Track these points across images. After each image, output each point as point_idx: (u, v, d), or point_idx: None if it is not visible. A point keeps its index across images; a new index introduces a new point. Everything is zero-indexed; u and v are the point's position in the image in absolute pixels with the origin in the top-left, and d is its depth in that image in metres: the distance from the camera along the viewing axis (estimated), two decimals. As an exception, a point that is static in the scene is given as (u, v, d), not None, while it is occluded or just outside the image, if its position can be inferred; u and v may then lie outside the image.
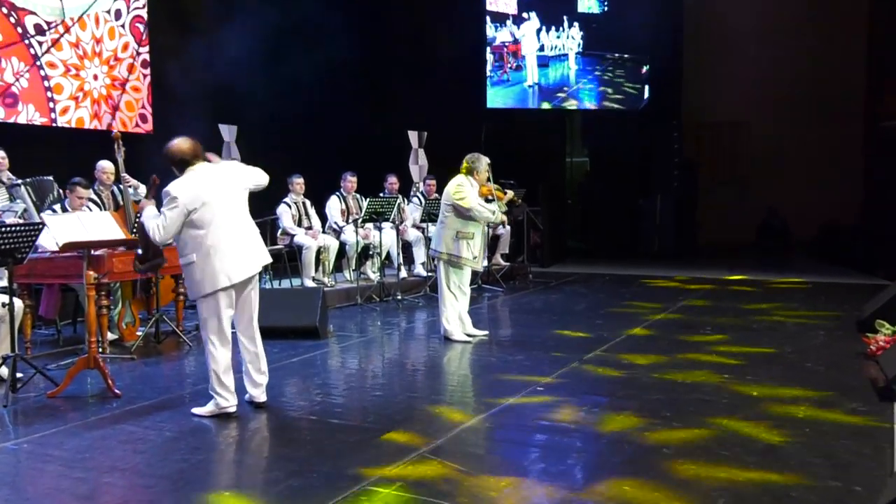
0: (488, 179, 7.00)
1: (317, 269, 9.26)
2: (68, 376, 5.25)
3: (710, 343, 6.58)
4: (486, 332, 7.12)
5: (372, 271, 9.84)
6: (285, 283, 9.20)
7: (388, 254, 9.83)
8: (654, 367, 5.75)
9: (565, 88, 15.19)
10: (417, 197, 10.71)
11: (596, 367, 5.76)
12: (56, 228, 5.04)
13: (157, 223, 4.55)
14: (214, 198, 4.62)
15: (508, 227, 11.03)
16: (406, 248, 10.21)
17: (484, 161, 6.94)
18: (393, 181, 10.22)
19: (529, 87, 14.95)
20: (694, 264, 13.31)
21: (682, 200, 15.38)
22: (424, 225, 10.10)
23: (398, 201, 9.43)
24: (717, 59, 16.77)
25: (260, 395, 4.88)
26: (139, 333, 7.02)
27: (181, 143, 4.69)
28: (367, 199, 9.17)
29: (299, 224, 9.30)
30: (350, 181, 9.71)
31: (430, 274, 10.00)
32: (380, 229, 9.47)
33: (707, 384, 5.22)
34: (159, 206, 4.69)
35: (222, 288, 4.62)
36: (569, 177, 16.87)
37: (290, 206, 9.26)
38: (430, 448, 4.01)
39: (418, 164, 11.87)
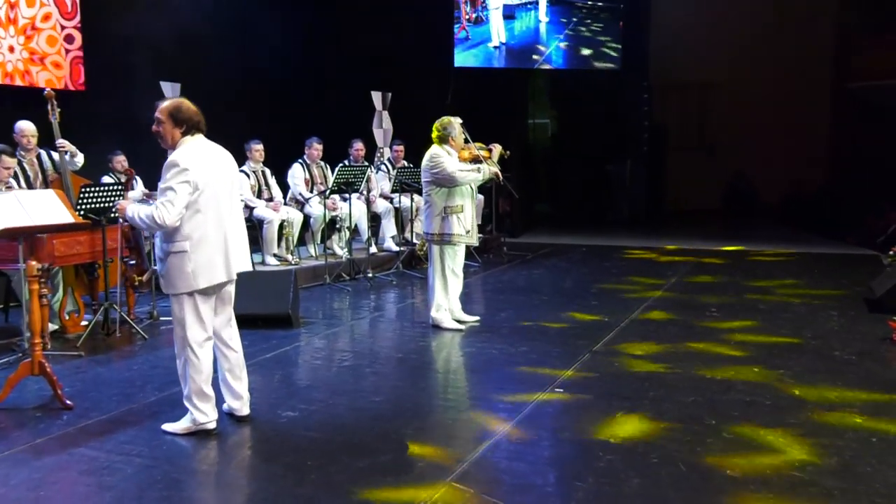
0: (466, 141, 6.40)
1: (279, 245, 8.57)
2: (7, 385, 4.54)
3: (724, 329, 6.17)
4: (478, 318, 6.59)
5: (339, 246, 9.19)
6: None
7: (356, 227, 9.18)
8: (674, 358, 5.31)
9: (538, 50, 14.37)
10: (385, 165, 10.02)
11: (612, 360, 5.28)
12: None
13: (160, 203, 3.83)
14: (218, 178, 3.98)
15: (481, 196, 10.45)
16: (374, 220, 9.57)
17: (456, 124, 6.32)
18: (359, 147, 9.53)
19: (495, 48, 14.06)
20: (667, 233, 13.01)
21: (652, 165, 15.04)
22: (394, 195, 9.45)
23: (368, 170, 8.77)
24: (684, 18, 16.33)
25: (242, 408, 4.26)
26: (84, 323, 6.28)
27: (190, 104, 4.02)
28: (337, 168, 8.49)
29: (259, 195, 8.56)
30: (316, 148, 8.98)
31: (401, 248, 9.39)
32: (346, 200, 8.83)
33: (740, 382, 4.79)
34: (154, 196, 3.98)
35: (219, 283, 3.98)
36: (531, 139, 16.33)
37: (248, 176, 8.51)
38: (461, 471, 3.47)
39: (382, 128, 11.17)
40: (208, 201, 3.92)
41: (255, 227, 8.46)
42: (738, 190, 16.46)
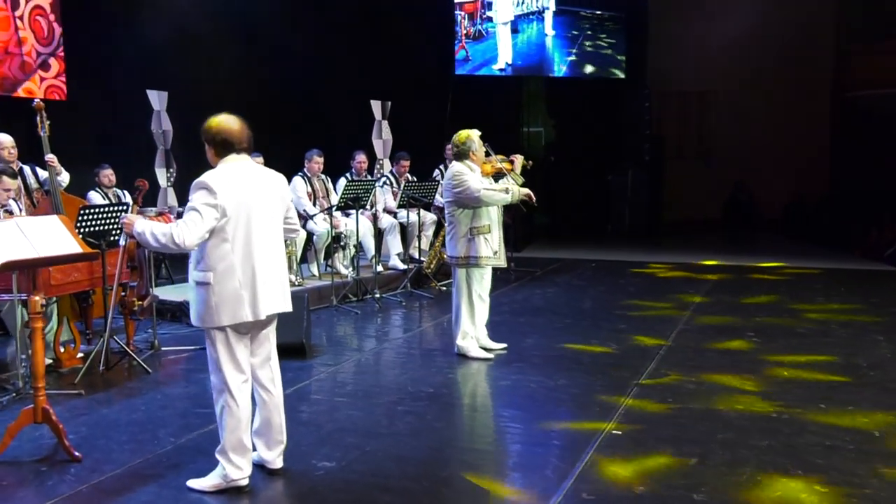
0: (487, 154, 6.05)
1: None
2: (7, 435, 4.10)
3: (770, 357, 5.87)
4: (504, 346, 6.23)
5: (343, 265, 8.79)
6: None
7: (360, 245, 8.79)
8: (727, 392, 4.99)
9: (546, 69, 13.80)
10: (388, 178, 9.62)
11: (665, 396, 4.95)
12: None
13: (183, 221, 3.47)
14: (254, 205, 3.59)
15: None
16: (377, 236, 9.18)
17: (475, 136, 5.95)
18: (361, 160, 9.14)
19: (501, 70, 13.59)
20: (673, 247, 12.78)
21: (653, 176, 14.80)
22: (401, 210, 9.08)
23: (376, 185, 8.40)
24: (682, 24, 16.14)
25: (276, 460, 3.87)
26: (80, 356, 5.83)
27: (228, 121, 3.65)
28: (344, 183, 8.10)
29: (259, 212, 8.13)
30: (317, 161, 8.57)
31: (407, 267, 9.02)
32: (347, 216, 8.45)
33: (809, 422, 4.48)
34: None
35: (243, 322, 3.59)
36: (525, 148, 16.01)
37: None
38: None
39: (382, 139, 10.79)
40: (237, 230, 3.54)
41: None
42: (738, 200, 16.28)
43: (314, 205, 8.54)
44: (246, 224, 3.56)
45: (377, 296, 8.24)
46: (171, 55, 10.14)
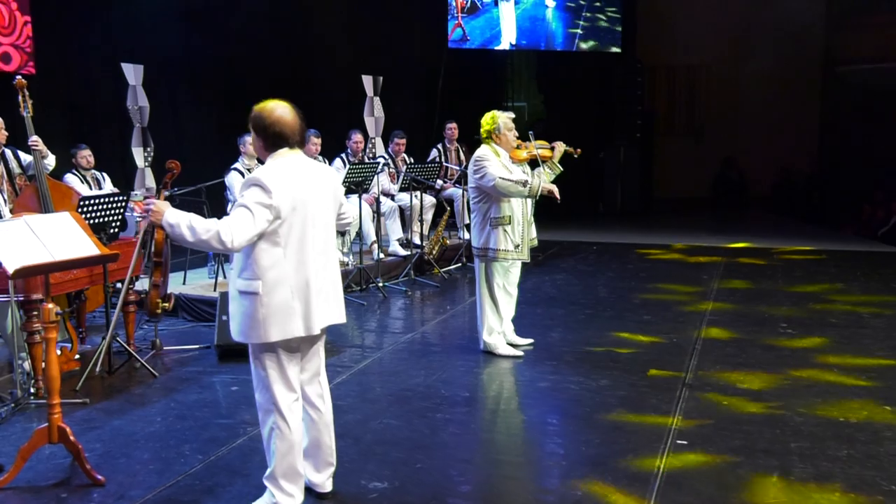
0: (519, 139, 5.74)
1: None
2: (20, 458, 3.75)
3: (812, 351, 5.72)
4: (531, 342, 5.99)
5: (342, 252, 8.45)
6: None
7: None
8: (784, 394, 4.81)
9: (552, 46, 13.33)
10: (384, 158, 9.25)
11: (718, 398, 4.75)
12: (1, 243, 3.46)
13: (232, 220, 3.11)
14: (310, 205, 3.25)
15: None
16: (376, 221, 8.84)
17: (504, 118, 5.61)
18: (358, 139, 8.78)
19: (504, 51, 13.06)
20: (668, 227, 12.67)
21: (644, 153, 14.62)
22: (401, 193, 8.75)
23: (378, 167, 8.06)
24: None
25: (326, 483, 3.57)
26: (77, 358, 5.45)
27: (283, 112, 3.28)
28: (347, 166, 7.74)
29: (255, 196, 7.74)
30: (314, 143, 8.15)
31: (409, 252, 8.71)
32: (347, 198, 8.08)
33: (883, 425, 4.31)
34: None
35: (295, 337, 3.27)
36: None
37: (242, 175, 7.69)
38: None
39: (374, 116, 10.40)
40: (291, 234, 3.21)
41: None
42: (728, 178, 16.21)
43: (311, 188, 8.16)
44: (301, 227, 3.23)
45: (380, 284, 7.93)
46: (148, 26, 9.61)
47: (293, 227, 3.20)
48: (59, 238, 3.70)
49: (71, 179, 7.16)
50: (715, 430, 4.26)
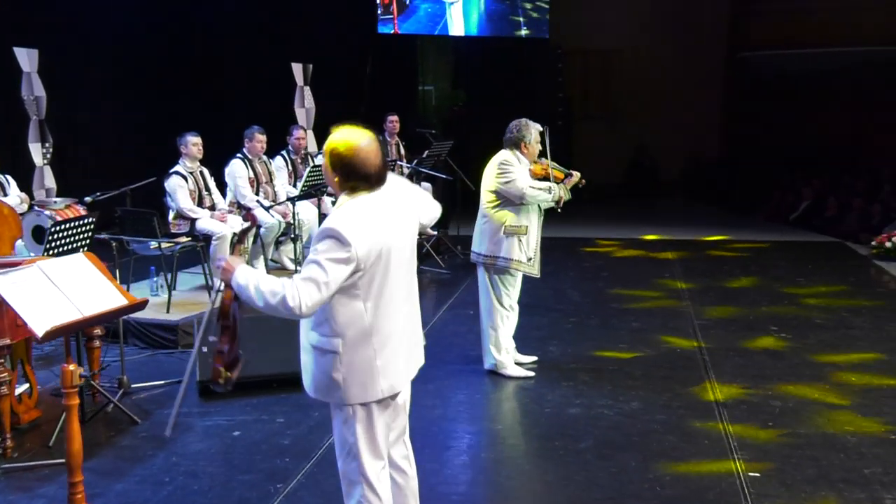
0: (541, 155, 5.60)
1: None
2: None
3: (820, 359, 5.81)
4: (535, 359, 5.81)
5: (290, 259, 7.99)
6: (187, 286, 7.14)
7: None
8: (819, 409, 4.85)
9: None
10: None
11: (762, 420, 4.71)
12: (21, 299, 2.92)
13: (302, 280, 2.73)
14: (393, 250, 2.89)
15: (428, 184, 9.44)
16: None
17: (533, 129, 5.49)
18: (300, 135, 8.31)
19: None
20: (597, 217, 12.73)
21: (564, 139, 14.67)
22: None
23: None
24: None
25: (414, 554, 3.25)
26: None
27: (369, 151, 2.85)
28: (310, 168, 7.26)
29: (200, 203, 7.17)
30: (259, 140, 7.62)
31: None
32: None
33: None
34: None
35: (381, 399, 2.93)
36: (421, 109, 15.42)
37: (185, 179, 7.08)
38: None
39: (305, 107, 9.88)
40: (372, 285, 2.84)
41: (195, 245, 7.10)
42: (641, 164, 16.56)
43: (257, 192, 7.65)
44: (382, 275, 2.87)
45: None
46: (43, 3, 8.74)
47: (375, 277, 2.84)
48: (82, 287, 3.19)
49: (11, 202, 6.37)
50: (782, 459, 4.20)
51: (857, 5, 14.71)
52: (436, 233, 9.55)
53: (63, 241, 4.52)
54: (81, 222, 4.70)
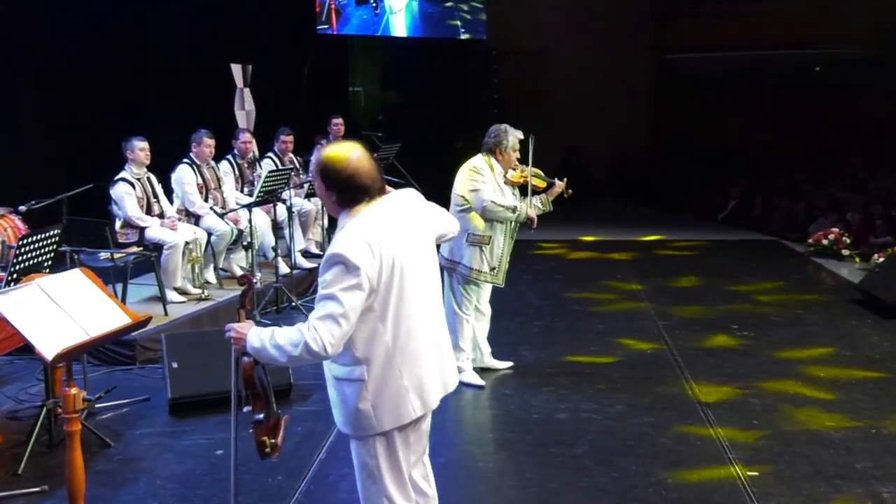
0: (521, 162, 5.57)
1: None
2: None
3: (784, 355, 6.00)
4: (510, 364, 5.81)
5: (240, 266, 7.78)
6: (137, 298, 6.86)
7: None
8: (798, 405, 5.00)
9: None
10: (271, 158, 8.51)
11: (746, 420, 4.83)
12: (25, 320, 2.75)
13: (318, 321, 2.60)
14: (407, 263, 2.78)
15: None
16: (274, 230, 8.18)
17: (512, 136, 5.46)
18: (247, 139, 8.07)
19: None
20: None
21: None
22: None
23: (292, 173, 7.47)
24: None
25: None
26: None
27: (360, 160, 2.75)
28: (266, 172, 7.08)
29: (148, 211, 6.90)
30: (207, 144, 7.36)
31: (313, 266, 8.15)
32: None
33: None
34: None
35: (411, 421, 2.85)
36: (352, 110, 15.26)
37: (132, 186, 6.80)
38: None
39: (245, 110, 9.65)
40: (389, 303, 2.74)
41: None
42: (572, 164, 16.78)
43: (206, 198, 7.42)
44: (399, 291, 2.75)
45: (294, 303, 7.36)
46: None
47: (390, 294, 2.74)
48: (83, 306, 3.01)
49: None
50: (775, 459, 4.31)
51: (778, 9, 15.30)
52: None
53: (29, 258, 4.28)
54: (46, 235, 4.45)
